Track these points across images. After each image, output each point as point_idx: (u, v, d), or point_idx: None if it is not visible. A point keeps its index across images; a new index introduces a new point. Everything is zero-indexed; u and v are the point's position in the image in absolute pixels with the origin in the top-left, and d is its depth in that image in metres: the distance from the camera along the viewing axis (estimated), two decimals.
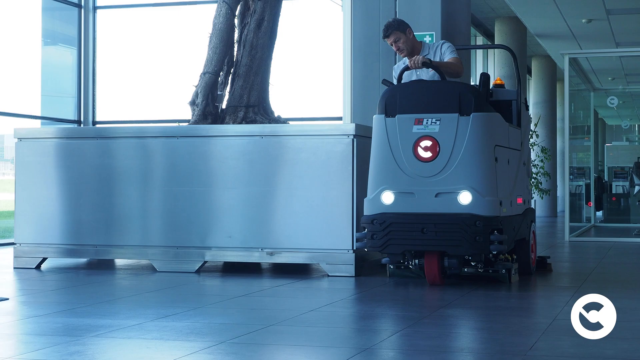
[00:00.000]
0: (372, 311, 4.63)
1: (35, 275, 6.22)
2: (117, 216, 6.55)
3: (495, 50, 16.44)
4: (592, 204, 13.66)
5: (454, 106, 5.37)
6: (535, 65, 19.82)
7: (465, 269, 5.60)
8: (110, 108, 11.45)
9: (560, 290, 5.51)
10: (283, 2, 7.30)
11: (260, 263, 6.65)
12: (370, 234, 5.41)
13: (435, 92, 5.50)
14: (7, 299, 4.89)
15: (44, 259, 6.67)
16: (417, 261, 5.54)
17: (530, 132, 14.01)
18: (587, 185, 13.90)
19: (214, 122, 6.99)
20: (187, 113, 7.30)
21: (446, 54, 5.96)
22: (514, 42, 15.60)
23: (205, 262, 6.35)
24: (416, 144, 5.37)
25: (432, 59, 5.86)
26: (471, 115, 5.34)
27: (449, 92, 5.44)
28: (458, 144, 5.31)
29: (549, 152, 17.11)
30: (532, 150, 12.96)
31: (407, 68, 5.87)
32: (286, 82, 9.82)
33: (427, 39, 8.91)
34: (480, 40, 16.75)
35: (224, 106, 7.16)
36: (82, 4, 11.15)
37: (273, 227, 6.24)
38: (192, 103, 7.11)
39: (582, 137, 14.67)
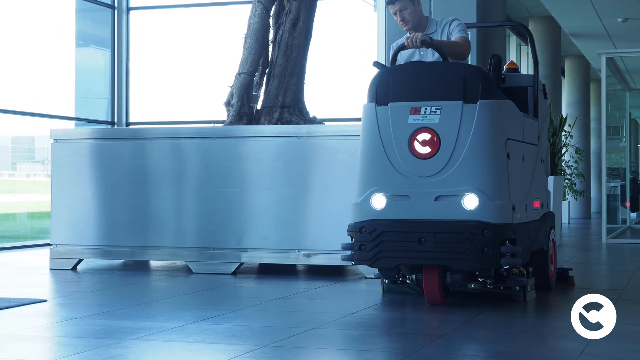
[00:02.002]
0: (414, 315, 4.55)
1: (72, 276, 6.21)
2: (153, 217, 6.53)
3: (529, 48, 16.27)
4: (629, 204, 13.49)
5: (457, 92, 4.54)
6: (568, 66, 19.64)
7: (472, 285, 4.80)
8: (144, 109, 11.45)
9: (602, 292, 5.39)
10: (318, 2, 7.25)
11: (296, 265, 6.59)
12: (358, 245, 4.57)
13: (435, 76, 4.65)
14: (45, 300, 4.87)
15: (80, 260, 6.66)
16: (414, 276, 4.67)
17: (565, 133, 13.84)
18: (622, 187, 13.74)
19: (249, 122, 6.95)
20: (221, 114, 7.28)
21: (454, 32, 5.16)
22: (548, 42, 15.47)
23: (242, 263, 6.31)
24: (412, 137, 4.55)
25: (438, 38, 5.11)
26: (478, 102, 4.50)
27: (452, 76, 4.60)
28: (462, 138, 4.48)
29: (583, 153, 16.95)
30: (566, 151, 12.80)
31: (403, 47, 5.03)
32: (320, 82, 9.76)
33: None
34: (513, 40, 16.62)
35: (259, 107, 7.12)
36: (116, 5, 11.17)
37: (309, 229, 6.18)
38: (227, 104, 7.08)
39: (616, 137, 14.51)
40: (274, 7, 7.20)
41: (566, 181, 15.06)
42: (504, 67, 5.38)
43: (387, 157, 4.60)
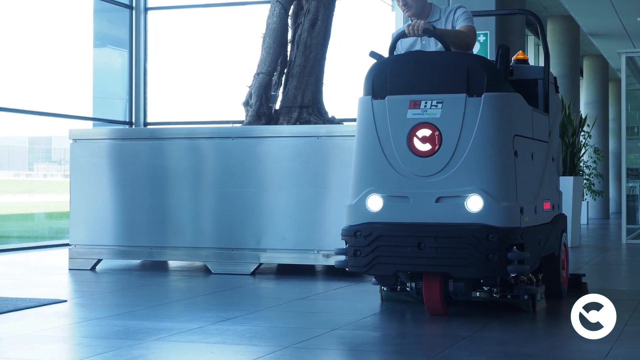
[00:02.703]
0: (436, 317, 4.51)
1: (91, 276, 6.21)
2: (171, 217, 6.52)
3: (550, 47, 16.20)
4: None
5: (460, 84, 4.17)
6: (586, 65, 19.55)
7: (478, 293, 4.42)
8: (161, 109, 11.46)
9: (622, 295, 5.34)
10: (336, 1, 7.23)
11: (315, 265, 6.57)
12: (352, 250, 4.22)
13: (436, 67, 4.29)
14: (65, 300, 4.87)
15: (99, 261, 6.66)
16: (414, 284, 4.31)
17: (584, 133, 13.76)
18: None
19: (268, 122, 6.94)
20: (240, 114, 7.26)
21: (459, 20, 4.77)
22: (566, 41, 15.39)
23: (261, 264, 6.29)
24: (411, 133, 4.18)
25: (442, 27, 4.75)
26: (483, 95, 4.13)
27: (455, 66, 4.23)
28: (466, 134, 4.12)
29: (602, 153, 16.85)
30: (585, 151, 12.71)
31: (403, 35, 4.63)
32: (339, 82, 9.74)
33: (482, 38, 8.78)
34: (531, 40, 16.54)
35: (277, 107, 7.10)
36: (134, 5, 11.18)
37: (328, 229, 6.15)
38: (246, 104, 7.06)
39: (635, 137, 14.41)
40: (292, 7, 7.18)
41: (585, 181, 14.99)
42: (512, 58, 5.02)
43: (384, 154, 4.23)
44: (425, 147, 4.16)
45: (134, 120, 11.20)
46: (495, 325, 4.04)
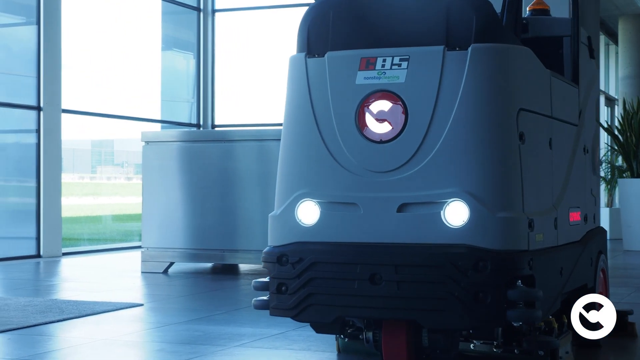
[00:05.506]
0: None
1: (164, 280, 6.17)
2: (242, 220, 6.47)
3: (619, 47, 15.86)
4: None
5: (436, 31, 2.76)
6: None
7: (471, 346, 2.96)
8: (228, 111, 11.46)
9: None
10: None
11: None
12: (275, 284, 2.83)
13: (400, 7, 2.86)
14: (142, 304, 4.83)
15: (171, 264, 6.63)
16: (370, 334, 2.86)
17: None
18: None
19: None
20: None
21: None
22: (638, 40, 15.05)
23: None
24: (362, 107, 2.77)
25: None
26: (470, 48, 2.70)
27: (428, 5, 2.81)
28: (443, 107, 2.70)
29: None
30: None
31: None
32: None
33: None
34: (602, 39, 16.20)
35: None
36: (201, 7, 11.19)
37: None
38: None
39: None
40: None
41: None
42: (527, 8, 3.52)
43: (323, 140, 2.82)
44: (383, 127, 2.75)
45: (201, 123, 11.21)
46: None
